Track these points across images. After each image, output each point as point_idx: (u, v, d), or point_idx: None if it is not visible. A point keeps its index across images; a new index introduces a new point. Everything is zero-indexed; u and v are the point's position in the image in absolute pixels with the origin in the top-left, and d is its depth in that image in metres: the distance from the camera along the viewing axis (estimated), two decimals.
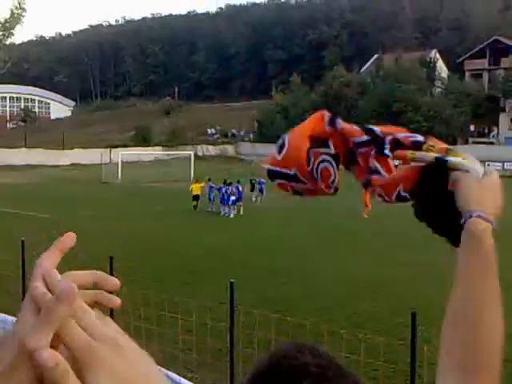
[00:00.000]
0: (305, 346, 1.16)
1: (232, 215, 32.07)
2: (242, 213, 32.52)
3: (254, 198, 37.54)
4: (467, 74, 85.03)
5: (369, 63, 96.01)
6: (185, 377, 7.94)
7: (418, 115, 72.74)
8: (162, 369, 7.45)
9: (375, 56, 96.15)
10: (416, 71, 79.62)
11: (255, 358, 8.44)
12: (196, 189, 34.50)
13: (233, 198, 32.32)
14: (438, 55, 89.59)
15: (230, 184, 33.55)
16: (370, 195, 1.84)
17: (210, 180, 35.73)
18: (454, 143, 71.48)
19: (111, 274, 7.95)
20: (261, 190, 37.57)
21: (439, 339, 1.32)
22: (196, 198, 34.19)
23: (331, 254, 21.14)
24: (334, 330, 9.61)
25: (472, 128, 73.15)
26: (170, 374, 7.45)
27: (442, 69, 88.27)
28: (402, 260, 20.03)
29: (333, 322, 12.60)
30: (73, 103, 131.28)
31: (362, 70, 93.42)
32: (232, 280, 6.88)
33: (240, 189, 32.90)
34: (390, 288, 16.24)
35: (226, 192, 32.52)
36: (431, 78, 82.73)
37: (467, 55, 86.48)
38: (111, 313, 8.06)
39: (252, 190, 37.96)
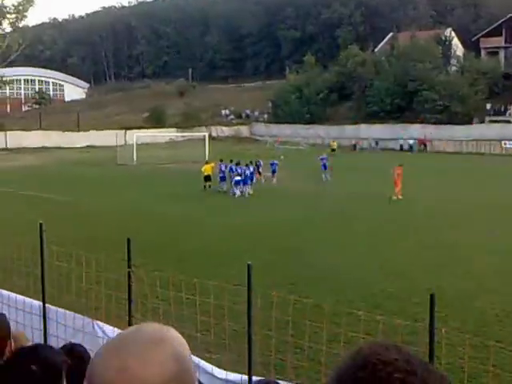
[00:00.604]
0: (390, 344, 1.17)
1: (236, 195, 32.31)
2: (247, 195, 32.60)
3: (263, 180, 37.39)
4: (483, 51, 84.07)
5: (383, 42, 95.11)
6: (203, 358, 8.00)
7: (434, 94, 72.08)
8: None
9: (390, 35, 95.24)
10: (431, 49, 78.78)
11: (273, 339, 8.49)
12: (207, 169, 34.84)
13: (237, 178, 32.71)
14: (453, 33, 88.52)
15: (238, 164, 34.15)
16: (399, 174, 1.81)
17: (221, 161, 35.87)
18: (470, 122, 70.96)
19: (129, 255, 8.00)
20: (274, 171, 37.54)
21: (455, 320, 1.33)
22: (207, 178, 34.62)
23: (347, 236, 21.13)
24: (350, 311, 9.61)
25: (488, 106, 72.37)
26: None
27: (457, 47, 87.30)
28: (418, 241, 20.01)
29: (349, 303, 12.63)
30: (87, 85, 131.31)
31: (376, 49, 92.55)
32: (249, 262, 6.89)
33: (246, 171, 33.20)
34: (405, 270, 16.23)
35: (232, 171, 33.26)
36: (446, 57, 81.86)
37: (483, 33, 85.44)
38: (129, 294, 8.13)
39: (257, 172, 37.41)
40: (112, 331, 8.52)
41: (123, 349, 1.35)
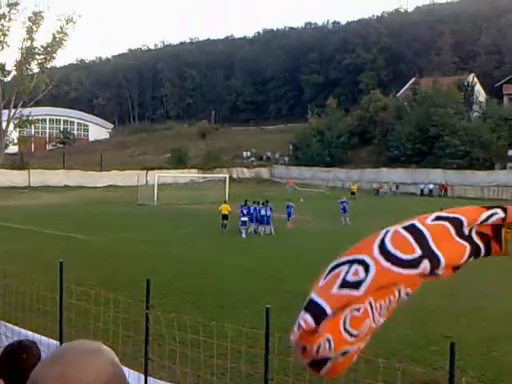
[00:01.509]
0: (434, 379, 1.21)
1: (243, 235, 32.70)
2: (262, 234, 33.19)
3: (288, 224, 37.01)
4: (505, 98, 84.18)
5: (405, 87, 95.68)
6: None
7: (456, 139, 72.03)
8: None
9: (412, 80, 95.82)
10: (453, 95, 79.00)
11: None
12: (225, 208, 35.28)
13: (243, 218, 33.40)
14: (475, 79, 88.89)
15: (245, 204, 34.84)
16: None
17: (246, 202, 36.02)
18: (492, 168, 70.64)
19: (147, 296, 8.02)
20: (289, 214, 37.31)
21: (475, 369, 1.34)
22: (225, 217, 34.92)
23: None
24: (368, 357, 9.49)
25: (510, 153, 72.10)
26: None
27: (479, 93, 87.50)
28: (437, 289, 19.75)
29: (367, 349, 12.45)
30: (111, 125, 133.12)
31: (398, 93, 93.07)
32: (268, 305, 6.87)
33: (250, 211, 33.91)
34: (423, 315, 16.03)
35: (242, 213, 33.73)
36: (469, 102, 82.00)
37: (506, 79, 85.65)
38: (146, 335, 8.12)
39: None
40: (127, 372, 8.49)
41: (61, 358, 1.49)
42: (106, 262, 23.58)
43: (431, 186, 70.07)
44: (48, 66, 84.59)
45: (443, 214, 1.79)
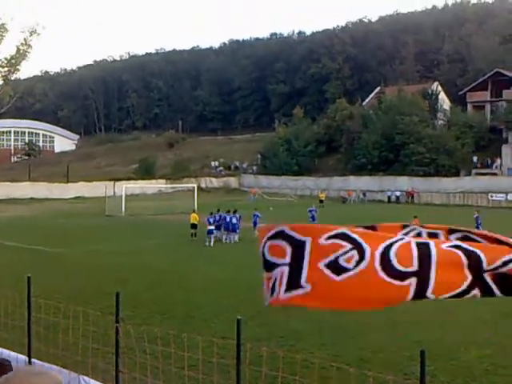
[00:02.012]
0: None
1: (209, 243, 32.99)
2: (210, 244, 33.01)
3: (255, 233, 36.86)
4: (469, 105, 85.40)
5: (371, 96, 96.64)
6: None
7: (421, 147, 72.90)
8: None
9: (377, 89, 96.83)
10: (418, 103, 80.00)
11: None
12: (193, 218, 35.47)
13: (209, 227, 33.49)
14: (439, 87, 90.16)
15: (211, 214, 34.76)
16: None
17: (218, 210, 36.33)
18: (457, 174, 71.65)
19: (117, 310, 7.95)
20: (254, 223, 37.12)
21: (446, 375, 1.34)
22: (194, 226, 35.19)
23: None
24: (339, 365, 9.53)
25: (475, 159, 73.24)
26: None
27: (444, 101, 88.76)
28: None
29: (339, 357, 12.52)
30: (77, 137, 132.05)
31: (364, 102, 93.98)
32: (239, 317, 6.86)
33: (227, 218, 34.22)
34: (394, 322, 16.13)
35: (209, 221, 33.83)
36: (433, 110, 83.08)
37: (469, 87, 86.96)
38: (117, 348, 8.05)
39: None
40: None
41: (11, 380, 1.64)
42: (74, 274, 23.32)
43: (398, 193, 70.79)
44: (12, 78, 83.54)
45: (464, 244, 1.81)
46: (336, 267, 1.72)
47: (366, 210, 57.09)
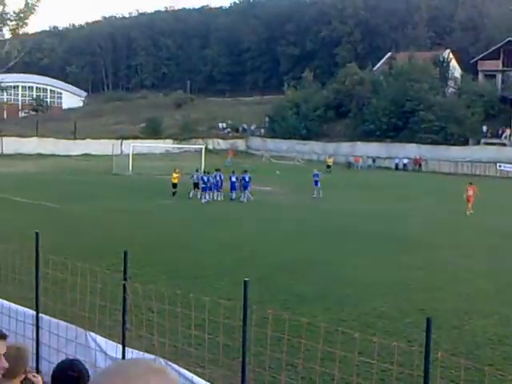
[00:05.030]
0: None
1: (203, 201, 35.09)
2: (202, 200, 35.03)
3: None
4: (480, 74, 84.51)
5: (382, 61, 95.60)
6: (195, 373, 7.97)
7: (431, 114, 72.34)
8: (174, 365, 7.48)
9: (388, 54, 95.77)
10: (429, 70, 79.14)
11: (266, 355, 8.47)
12: (175, 178, 37.13)
13: (202, 185, 35.94)
14: (451, 55, 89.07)
15: (205, 173, 37.88)
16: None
17: (197, 170, 38.92)
18: (466, 143, 71.26)
19: (125, 268, 7.98)
20: (245, 187, 36.75)
21: (448, 342, 1.34)
22: (175, 185, 36.94)
23: (341, 253, 21.10)
24: (345, 330, 9.59)
25: (484, 129, 72.69)
26: (182, 370, 7.47)
27: (455, 69, 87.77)
28: (411, 262, 19.99)
29: (343, 322, 12.62)
30: (85, 93, 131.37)
31: (374, 68, 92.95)
32: (246, 279, 6.89)
33: (205, 179, 36.11)
34: (397, 288, 16.22)
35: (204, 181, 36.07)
36: (444, 78, 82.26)
37: (481, 56, 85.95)
38: (124, 306, 8.10)
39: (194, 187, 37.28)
40: (105, 342, 8.50)
41: (125, 371, 1.51)
42: (81, 231, 23.45)
43: (406, 161, 70.49)
44: (20, 33, 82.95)
45: None
46: None
47: (373, 177, 57.06)
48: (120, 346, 8.15)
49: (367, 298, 15.09)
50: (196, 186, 36.80)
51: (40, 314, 8.94)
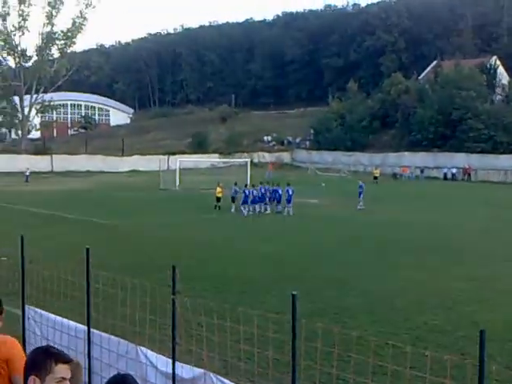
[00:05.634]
0: None
1: (244, 214, 35.10)
2: (243, 213, 34.96)
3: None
4: None
5: (427, 70, 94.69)
6: None
7: (479, 123, 71.24)
8: (224, 379, 7.48)
9: (434, 63, 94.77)
10: (476, 78, 77.98)
11: (316, 370, 8.40)
12: (219, 192, 37.56)
13: (244, 198, 35.85)
14: (498, 61, 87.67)
15: (253, 186, 37.54)
16: None
17: (235, 184, 38.07)
18: None
19: (173, 282, 8.04)
20: (288, 200, 35.80)
21: (503, 355, 1.33)
22: (218, 199, 37.37)
23: (393, 265, 20.84)
24: (395, 343, 9.45)
25: None
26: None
27: (502, 75, 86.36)
28: (463, 274, 19.64)
29: (392, 335, 12.45)
30: (131, 110, 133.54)
31: (420, 76, 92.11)
32: (294, 292, 6.85)
33: (247, 192, 35.78)
34: (449, 300, 15.95)
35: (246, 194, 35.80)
36: (491, 85, 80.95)
37: None
38: (173, 320, 8.16)
39: (232, 200, 37.02)
40: (155, 357, 8.55)
41: None
42: (128, 246, 23.73)
43: (454, 170, 69.49)
44: (68, 51, 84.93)
45: None
46: None
47: (422, 187, 56.38)
48: (170, 361, 8.19)
49: (418, 310, 14.87)
50: (233, 199, 36.75)
51: (91, 329, 9.06)
